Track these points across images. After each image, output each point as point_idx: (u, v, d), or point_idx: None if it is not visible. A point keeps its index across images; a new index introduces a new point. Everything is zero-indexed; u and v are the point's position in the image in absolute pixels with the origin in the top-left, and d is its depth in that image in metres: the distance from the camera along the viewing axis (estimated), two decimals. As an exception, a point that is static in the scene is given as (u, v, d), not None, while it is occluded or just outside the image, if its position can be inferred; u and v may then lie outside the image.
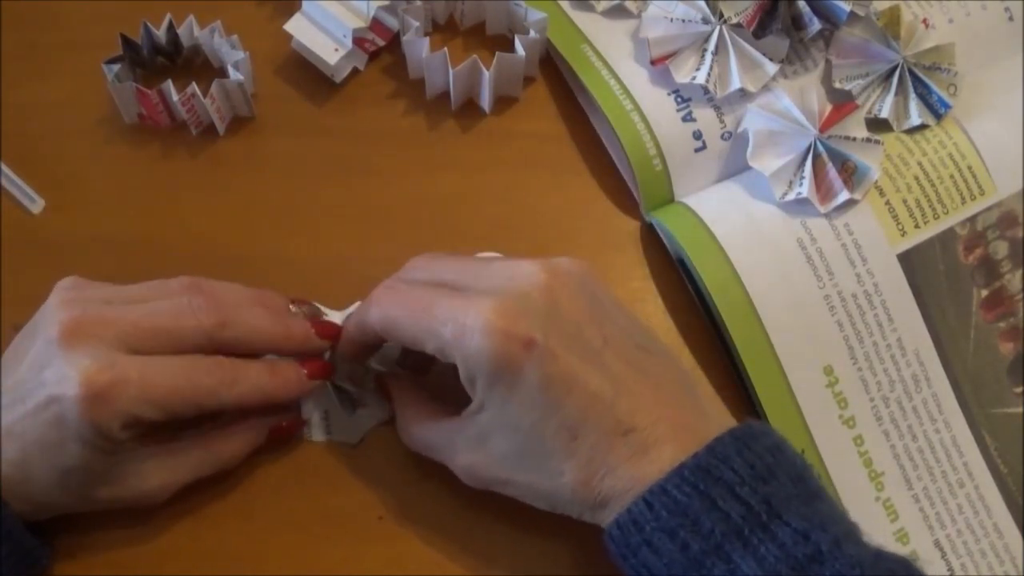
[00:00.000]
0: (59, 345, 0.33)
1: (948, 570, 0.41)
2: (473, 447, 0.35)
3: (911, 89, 0.45)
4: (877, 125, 0.45)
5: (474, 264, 0.36)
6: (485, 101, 0.48)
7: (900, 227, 0.43)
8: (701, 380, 0.41)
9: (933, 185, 0.44)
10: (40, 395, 0.33)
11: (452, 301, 0.33)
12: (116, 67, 0.46)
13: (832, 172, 0.43)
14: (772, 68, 0.45)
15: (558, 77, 0.49)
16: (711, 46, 0.45)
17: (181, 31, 0.47)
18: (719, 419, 0.34)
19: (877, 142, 0.43)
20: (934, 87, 0.45)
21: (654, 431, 0.32)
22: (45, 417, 0.33)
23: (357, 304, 0.42)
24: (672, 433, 0.32)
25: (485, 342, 0.32)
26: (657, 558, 0.31)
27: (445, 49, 0.46)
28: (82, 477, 0.35)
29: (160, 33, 0.47)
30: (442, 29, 0.51)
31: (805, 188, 0.43)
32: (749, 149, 0.44)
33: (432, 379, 0.40)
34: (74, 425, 0.33)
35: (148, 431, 0.36)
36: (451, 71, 0.46)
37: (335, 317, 0.42)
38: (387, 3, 0.47)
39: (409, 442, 0.39)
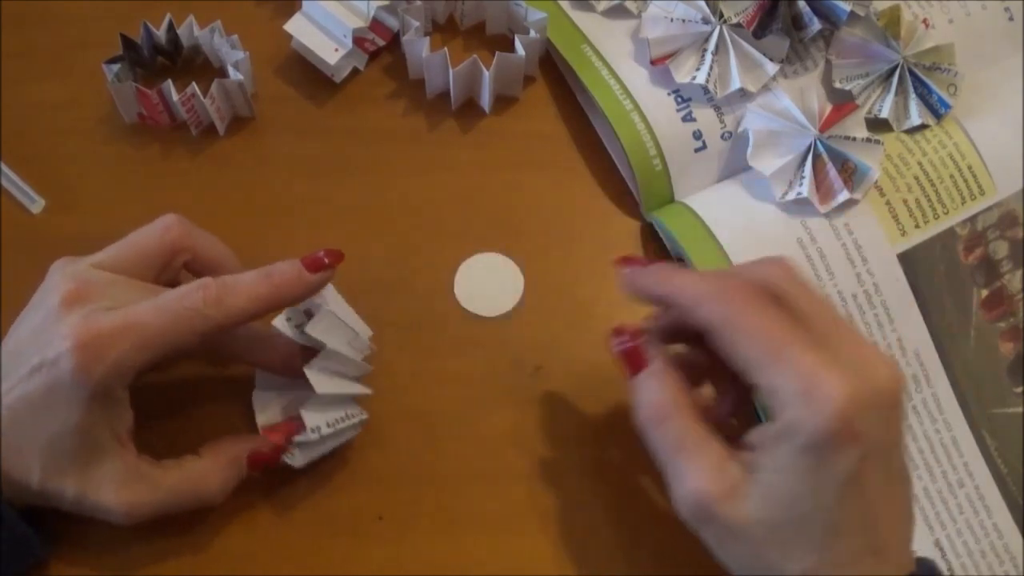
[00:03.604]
0: (59, 311, 0.34)
1: (948, 570, 0.41)
2: (738, 500, 0.33)
3: (911, 89, 0.46)
4: (877, 125, 0.45)
5: (827, 322, 0.34)
6: (485, 101, 0.48)
7: (900, 227, 0.43)
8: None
9: (933, 185, 0.44)
10: (35, 358, 0.34)
11: (812, 355, 0.32)
12: (116, 67, 0.46)
13: (832, 172, 0.43)
14: (772, 68, 0.45)
15: (558, 77, 0.49)
16: (711, 46, 0.45)
17: (181, 31, 0.47)
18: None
19: (877, 142, 0.43)
20: (934, 87, 0.45)
21: (896, 560, 0.33)
22: (39, 379, 0.34)
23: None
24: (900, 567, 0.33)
25: (828, 419, 0.31)
26: None
27: (445, 49, 0.46)
28: (63, 450, 0.34)
29: (160, 33, 0.47)
30: (442, 29, 0.51)
31: (805, 188, 0.43)
32: (749, 149, 0.44)
33: None
34: (67, 380, 0.33)
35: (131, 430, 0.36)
36: (451, 71, 0.46)
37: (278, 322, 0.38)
38: (387, 3, 0.47)
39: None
